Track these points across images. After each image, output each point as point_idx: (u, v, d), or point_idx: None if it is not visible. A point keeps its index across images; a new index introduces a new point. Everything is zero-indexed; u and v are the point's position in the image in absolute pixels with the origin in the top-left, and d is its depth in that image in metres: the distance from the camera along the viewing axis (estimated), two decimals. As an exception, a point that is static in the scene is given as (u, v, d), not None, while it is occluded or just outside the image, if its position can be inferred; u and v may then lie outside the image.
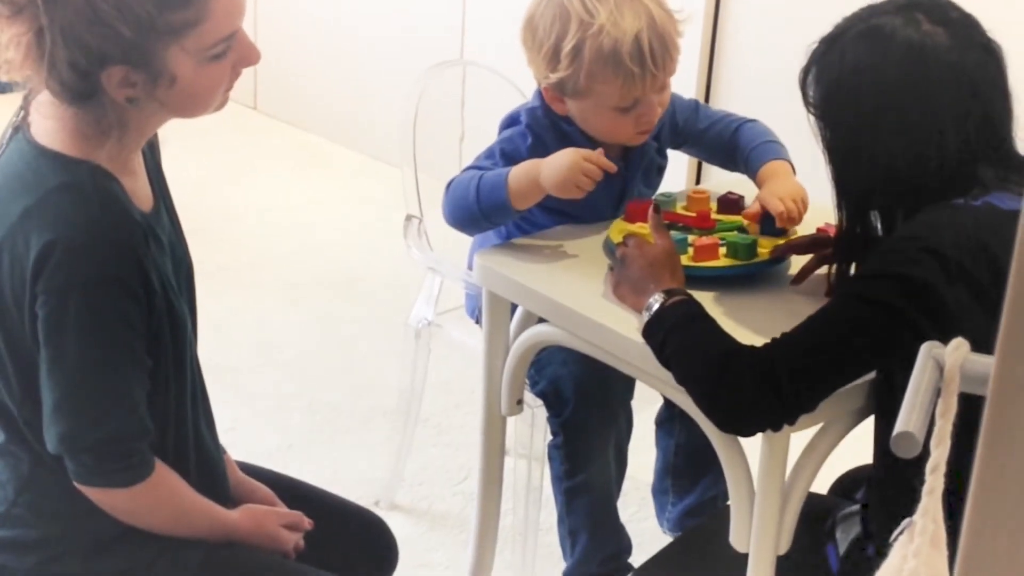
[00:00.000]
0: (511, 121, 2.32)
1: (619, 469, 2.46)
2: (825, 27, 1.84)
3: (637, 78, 2.13)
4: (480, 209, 2.16)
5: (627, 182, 2.31)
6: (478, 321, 2.52)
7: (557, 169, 2.10)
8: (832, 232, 1.98)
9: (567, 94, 2.21)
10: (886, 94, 1.76)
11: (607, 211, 2.27)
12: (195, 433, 1.83)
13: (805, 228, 2.15)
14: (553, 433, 2.41)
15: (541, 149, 2.23)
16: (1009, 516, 0.78)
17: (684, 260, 2.02)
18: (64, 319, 1.64)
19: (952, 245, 1.69)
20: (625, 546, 2.51)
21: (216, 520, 1.82)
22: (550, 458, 2.43)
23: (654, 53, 2.13)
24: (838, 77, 1.79)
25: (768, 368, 1.71)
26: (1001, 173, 1.76)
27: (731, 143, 2.35)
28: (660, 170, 2.40)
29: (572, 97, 2.21)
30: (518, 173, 2.14)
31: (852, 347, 1.73)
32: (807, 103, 1.83)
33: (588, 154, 2.11)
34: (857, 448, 1.98)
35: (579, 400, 2.33)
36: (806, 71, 1.83)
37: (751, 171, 2.30)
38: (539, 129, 2.26)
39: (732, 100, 3.70)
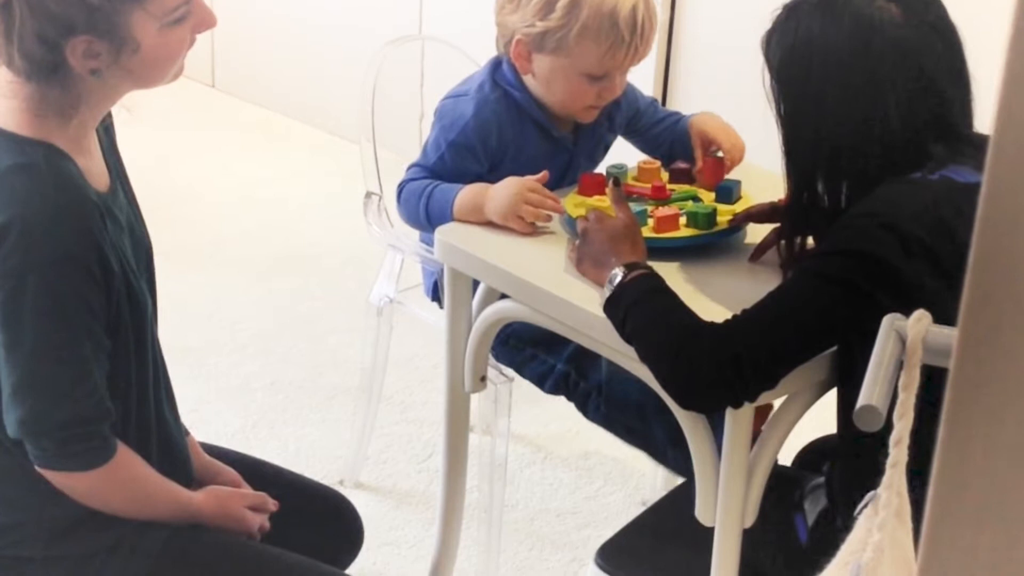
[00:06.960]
0: (454, 102, 2.32)
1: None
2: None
3: (624, 46, 2.20)
4: (431, 224, 2.22)
5: (573, 157, 2.37)
6: (435, 300, 2.52)
7: (500, 199, 2.14)
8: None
9: (544, 49, 2.23)
10: (832, 64, 1.78)
11: (551, 183, 2.28)
12: (157, 415, 1.82)
13: (769, 199, 2.15)
14: (544, 377, 2.34)
15: (489, 115, 2.26)
16: (972, 494, 0.78)
17: (645, 232, 2.03)
18: (21, 301, 1.62)
19: (910, 219, 1.70)
20: None
21: (180, 502, 1.82)
22: (579, 406, 2.32)
23: (644, 27, 2.21)
24: (792, 44, 1.81)
25: (728, 346, 1.72)
26: (954, 147, 1.76)
27: (671, 126, 2.43)
28: (606, 147, 2.46)
29: (550, 53, 2.23)
30: (464, 200, 2.18)
31: (811, 324, 1.74)
32: (769, 67, 1.84)
33: (533, 185, 2.13)
34: (821, 419, 1.99)
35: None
36: (768, 36, 1.84)
37: (682, 129, 2.38)
38: (487, 102, 2.28)
39: (690, 75, 3.70)
